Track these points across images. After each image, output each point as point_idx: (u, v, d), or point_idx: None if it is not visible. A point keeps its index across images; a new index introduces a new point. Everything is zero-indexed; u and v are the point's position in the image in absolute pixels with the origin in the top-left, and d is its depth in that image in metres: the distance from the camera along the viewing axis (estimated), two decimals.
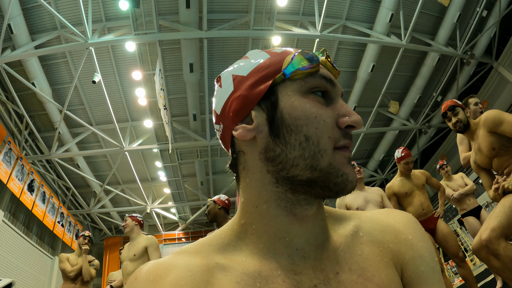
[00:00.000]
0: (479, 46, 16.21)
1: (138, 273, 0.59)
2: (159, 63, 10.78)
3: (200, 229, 21.47)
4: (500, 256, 2.65)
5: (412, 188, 5.06)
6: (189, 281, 0.58)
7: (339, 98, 0.68)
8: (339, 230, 0.71)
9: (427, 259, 0.69)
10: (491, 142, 3.08)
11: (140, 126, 14.60)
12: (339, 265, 0.65)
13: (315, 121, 0.62)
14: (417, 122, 18.24)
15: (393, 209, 0.77)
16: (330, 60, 0.70)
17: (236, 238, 0.68)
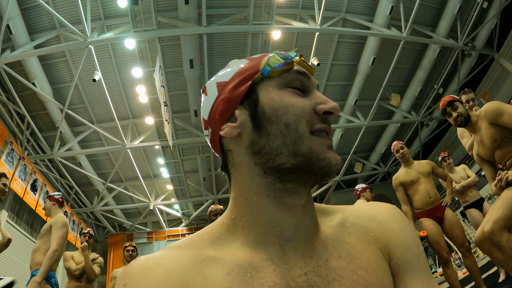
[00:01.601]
0: (480, 37, 16.13)
1: (129, 268, 0.60)
2: (159, 59, 10.76)
3: (204, 225, 21.47)
4: (503, 247, 2.65)
5: (417, 176, 5.07)
6: (180, 273, 0.59)
7: (315, 89, 0.73)
8: (327, 222, 0.73)
9: (413, 247, 0.71)
10: (492, 134, 3.08)
11: (142, 123, 14.62)
12: (329, 253, 0.66)
13: (293, 109, 0.65)
14: (419, 114, 18.18)
15: (378, 202, 0.79)
16: (304, 59, 0.75)
17: (226, 232, 0.69)
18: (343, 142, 18.16)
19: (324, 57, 14.64)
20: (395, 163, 20.28)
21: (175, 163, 16.76)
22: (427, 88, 17.72)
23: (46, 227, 4.65)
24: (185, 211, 21.11)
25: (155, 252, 0.64)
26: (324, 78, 15.52)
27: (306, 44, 13.71)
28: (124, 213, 20.55)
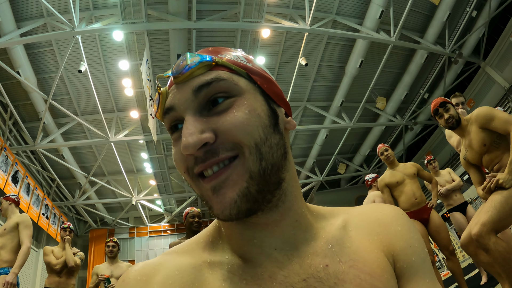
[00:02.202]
0: (468, 45, 16.44)
1: (127, 275, 0.59)
2: (147, 53, 10.68)
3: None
4: (490, 250, 2.68)
5: (403, 177, 5.13)
6: (177, 279, 0.57)
7: (186, 114, 0.59)
8: (327, 225, 0.71)
9: (418, 250, 0.69)
10: (482, 138, 3.11)
11: (126, 117, 14.47)
12: (328, 258, 0.64)
13: (175, 164, 0.62)
14: (404, 118, 18.41)
15: (381, 204, 0.78)
16: (176, 70, 0.62)
17: (218, 235, 0.68)
18: (327, 143, 18.27)
19: (312, 57, 14.66)
20: (379, 165, 20.52)
21: (158, 158, 16.70)
22: (412, 93, 17.95)
23: (11, 224, 4.72)
24: (167, 207, 21.05)
25: (152, 258, 0.63)
26: (311, 78, 15.58)
27: (295, 44, 13.76)
28: (106, 208, 20.39)
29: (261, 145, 0.58)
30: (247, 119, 0.58)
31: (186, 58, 0.61)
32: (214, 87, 0.59)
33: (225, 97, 0.59)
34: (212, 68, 0.60)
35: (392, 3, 13.23)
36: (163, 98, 0.62)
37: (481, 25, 15.68)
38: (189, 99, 0.59)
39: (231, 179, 0.57)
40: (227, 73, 0.61)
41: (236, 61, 0.64)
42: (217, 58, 0.62)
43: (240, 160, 0.57)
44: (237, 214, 0.56)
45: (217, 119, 0.58)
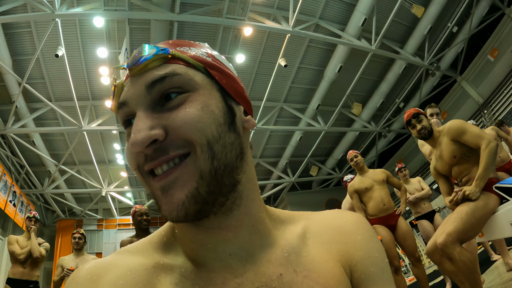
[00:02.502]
0: (446, 59, 16.91)
1: (76, 273, 0.56)
2: (126, 42, 10.57)
3: (155, 216, 21.20)
4: (455, 260, 2.76)
5: (372, 183, 5.20)
6: (129, 280, 0.55)
7: (138, 110, 0.57)
8: (285, 232, 0.69)
9: (377, 260, 0.68)
10: (453, 150, 3.20)
11: (101, 106, 14.25)
12: (283, 267, 0.62)
13: (127, 160, 0.61)
14: (378, 125, 18.76)
15: (343, 210, 0.76)
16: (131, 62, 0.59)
17: (173, 237, 0.66)
18: (301, 145, 18.41)
19: (292, 59, 14.78)
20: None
21: None
22: (388, 101, 18.29)
23: None
24: (137, 200, 20.84)
25: (105, 257, 0.60)
26: (289, 80, 15.70)
27: (276, 44, 13.83)
28: (75, 198, 19.96)
29: (214, 144, 0.56)
30: (199, 115, 0.56)
31: (142, 49, 0.59)
32: (168, 83, 0.57)
33: (179, 93, 0.57)
34: (168, 61, 0.59)
35: (375, 12, 13.45)
36: (118, 91, 0.60)
37: (461, 40, 16.14)
38: (141, 95, 0.57)
39: (181, 179, 0.55)
40: (183, 67, 0.59)
41: (194, 55, 0.62)
42: (174, 51, 0.60)
43: (191, 159, 0.56)
44: (185, 216, 0.55)
45: (169, 115, 0.56)
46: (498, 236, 2.93)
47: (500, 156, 5.64)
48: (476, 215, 2.85)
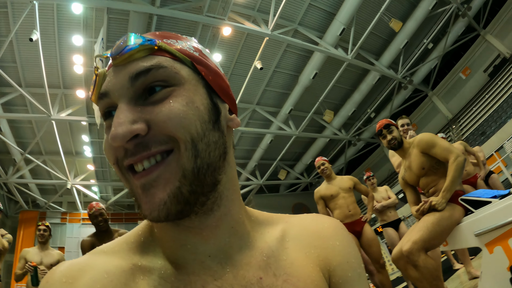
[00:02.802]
0: (419, 74, 17.44)
1: (51, 276, 0.53)
2: (103, 31, 10.43)
3: (121, 211, 20.91)
4: (419, 267, 2.83)
5: (338, 191, 5.25)
6: (106, 283, 0.52)
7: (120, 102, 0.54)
8: (265, 235, 0.68)
9: (354, 265, 0.69)
10: (422, 162, 3.28)
11: (72, 95, 13.93)
12: (263, 270, 0.62)
13: (105, 153, 0.57)
14: (348, 133, 19.11)
15: (321, 215, 0.76)
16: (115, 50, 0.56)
17: (151, 237, 0.63)
18: (271, 148, 18.55)
19: (268, 62, 14.88)
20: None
21: (100, 143, 16.31)
22: (360, 111, 18.66)
23: None
24: (103, 194, 20.49)
25: (79, 258, 0.58)
26: (264, 83, 15.80)
27: (253, 46, 13.91)
28: (40, 189, 19.42)
29: (198, 141, 0.54)
30: (183, 111, 0.53)
31: (127, 38, 0.56)
32: (153, 75, 0.54)
33: (163, 86, 0.54)
34: (154, 52, 0.56)
35: (354, 23, 13.68)
36: (100, 81, 0.57)
37: (435, 57, 16.69)
38: (124, 86, 0.54)
39: (163, 178, 0.53)
40: (169, 60, 0.56)
41: (181, 48, 0.59)
42: (161, 42, 0.57)
43: (175, 156, 0.53)
44: (167, 216, 0.53)
45: (152, 109, 0.53)
46: (461, 245, 3.04)
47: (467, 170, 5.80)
48: (442, 225, 2.94)
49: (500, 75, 17.03)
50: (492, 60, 17.68)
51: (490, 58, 17.74)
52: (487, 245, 2.76)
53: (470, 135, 16.38)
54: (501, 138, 13.38)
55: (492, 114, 15.95)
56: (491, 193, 2.94)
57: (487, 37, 17.56)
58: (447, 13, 15.84)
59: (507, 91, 15.98)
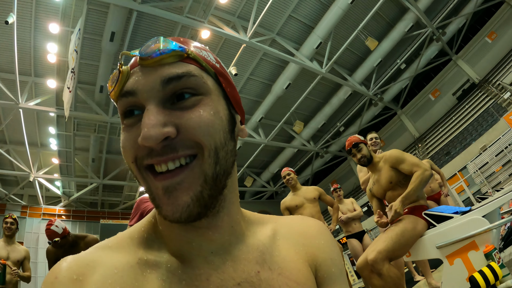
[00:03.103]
0: (390, 92, 18.01)
1: (58, 272, 0.54)
2: (81, 22, 10.27)
3: (83, 209, 20.30)
4: (383, 275, 2.96)
5: (302, 201, 5.33)
6: (117, 279, 0.54)
7: (149, 104, 0.56)
8: (258, 233, 0.73)
9: (337, 262, 0.75)
10: (390, 176, 3.45)
11: (42, 84, 13.54)
12: (259, 265, 0.66)
13: (122, 151, 0.59)
14: (317, 145, 19.43)
15: (307, 217, 0.82)
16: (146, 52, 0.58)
17: (154, 233, 0.66)
18: (239, 155, 18.61)
19: (243, 69, 14.99)
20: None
21: (66, 136, 15.92)
22: (330, 124, 18.99)
23: None
24: (66, 190, 19.89)
25: (83, 252, 0.58)
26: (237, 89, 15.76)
27: (230, 52, 13.96)
28: (0, 179, 18.73)
29: (220, 150, 0.57)
30: (211, 120, 0.57)
31: (159, 41, 0.58)
32: (184, 82, 0.56)
33: (192, 94, 0.57)
34: (183, 59, 0.58)
35: (331, 38, 13.96)
36: (123, 78, 0.58)
37: (407, 77, 17.32)
38: (155, 89, 0.56)
39: (187, 182, 0.55)
40: (197, 69, 0.59)
41: (206, 58, 0.62)
42: (190, 50, 0.59)
43: (198, 162, 0.56)
44: (187, 218, 0.55)
45: (181, 114, 0.56)
46: (423, 257, 3.23)
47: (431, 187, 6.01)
48: (405, 236, 3.09)
49: (468, 99, 17.92)
50: (461, 84, 18.57)
51: (459, 82, 18.63)
52: (447, 257, 2.96)
53: (435, 154, 17.02)
54: (465, 159, 14.02)
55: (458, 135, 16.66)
56: (453, 209, 3.13)
57: (458, 62, 18.43)
58: (422, 36, 16.54)
59: (474, 114, 16.76)
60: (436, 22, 16.55)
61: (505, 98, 15.01)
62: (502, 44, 17.66)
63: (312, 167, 20.58)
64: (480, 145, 13.92)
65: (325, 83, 16.63)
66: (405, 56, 16.88)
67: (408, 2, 14.52)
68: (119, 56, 0.61)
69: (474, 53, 18.30)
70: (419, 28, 16.16)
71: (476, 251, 2.81)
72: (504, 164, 12.68)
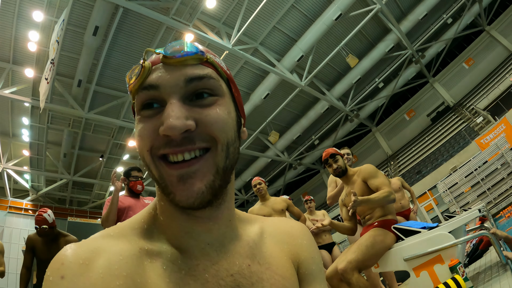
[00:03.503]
0: (366, 109, 18.46)
1: (64, 258, 0.54)
2: (66, 12, 10.19)
3: (51, 205, 19.78)
4: (352, 285, 3.07)
5: (270, 212, 5.35)
6: (122, 264, 0.57)
7: (172, 98, 0.61)
8: (248, 230, 0.78)
9: (317, 260, 0.82)
10: (362, 190, 3.55)
11: (20, 73, 13.29)
12: (250, 259, 0.71)
13: (138, 139, 0.63)
14: (290, 157, 19.66)
15: (291, 219, 0.90)
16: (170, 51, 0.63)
17: (153, 224, 0.69)
18: None
19: None
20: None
21: (40, 128, 15.62)
22: (305, 136, 19.22)
23: None
24: (35, 184, 19.43)
25: (86, 240, 0.60)
26: None
27: None
28: None
29: (230, 145, 0.63)
30: (226, 118, 0.62)
31: (183, 43, 0.63)
32: (204, 83, 0.62)
33: (210, 94, 0.62)
34: (202, 63, 0.64)
35: (313, 52, 14.20)
36: (145, 72, 0.62)
37: (383, 96, 17.78)
38: (178, 85, 0.60)
39: (201, 171, 0.60)
40: (214, 73, 0.64)
41: (221, 65, 0.68)
42: (209, 55, 0.65)
43: (212, 154, 0.61)
44: (200, 204, 0.60)
45: (200, 110, 0.61)
46: (391, 268, 3.38)
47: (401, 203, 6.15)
48: (375, 248, 3.22)
49: (442, 121, 18.57)
50: (436, 106, 19.26)
51: (434, 104, 19.32)
52: (414, 269, 3.09)
53: (406, 172, 17.46)
54: (435, 179, 14.47)
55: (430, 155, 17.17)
56: (421, 225, 3.27)
57: (435, 85, 19.11)
58: (402, 57, 17.05)
59: (446, 136, 17.34)
60: (417, 45, 17.16)
61: (477, 122, 15.61)
62: (478, 70, 18.44)
63: (285, 178, 20.75)
64: (451, 166, 14.44)
65: (304, 96, 16.87)
66: (383, 76, 17.37)
67: (391, 23, 14.96)
68: (143, 53, 0.65)
69: (451, 77, 19.03)
70: (399, 49, 16.66)
71: (441, 264, 2.96)
72: (473, 185, 13.30)
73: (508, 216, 9.40)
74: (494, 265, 3.91)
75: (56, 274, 0.52)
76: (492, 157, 13.17)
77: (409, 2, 15.95)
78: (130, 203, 3.80)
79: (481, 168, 13.27)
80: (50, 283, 0.51)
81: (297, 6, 13.83)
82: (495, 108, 15.69)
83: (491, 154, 13.27)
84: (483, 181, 13.08)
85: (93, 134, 17.11)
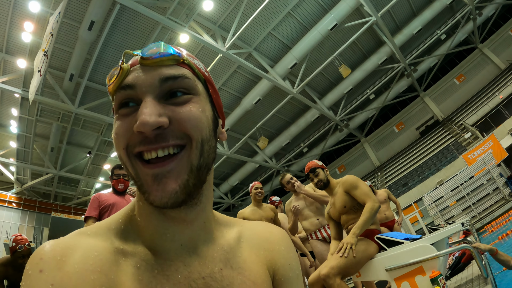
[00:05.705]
0: (356, 120, 18.62)
1: (43, 253, 0.57)
2: (62, 5, 10.15)
3: (35, 199, 19.58)
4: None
5: (261, 218, 5.37)
6: (97, 260, 0.58)
7: (147, 97, 0.62)
8: (225, 233, 0.79)
9: (294, 267, 0.82)
10: (344, 201, 3.63)
11: (12, 63, 13.22)
12: (222, 262, 0.72)
13: (115, 137, 0.64)
14: (278, 163, 19.76)
15: (271, 224, 0.88)
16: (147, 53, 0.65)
17: (130, 225, 0.70)
18: None
19: (216, 78, 15.17)
20: (242, 198, 21.34)
21: (28, 120, 15.48)
22: (294, 143, 19.34)
23: None
24: (20, 176, 19.18)
25: (62, 238, 0.62)
26: None
27: (205, 60, 14.14)
28: None
29: (205, 143, 0.64)
30: (200, 116, 0.63)
31: (160, 45, 0.65)
32: (179, 82, 0.63)
33: (184, 93, 0.64)
34: (179, 63, 0.66)
35: (307, 60, 14.34)
36: (123, 73, 0.64)
37: (374, 108, 18.00)
38: (153, 85, 0.62)
39: (176, 170, 0.60)
40: (190, 74, 0.66)
41: (198, 66, 0.70)
42: (186, 57, 0.67)
43: (186, 152, 0.62)
44: (173, 203, 0.60)
45: (174, 108, 0.62)
46: (373, 278, 3.41)
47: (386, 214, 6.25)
48: (357, 257, 3.26)
49: (431, 134, 18.87)
50: (425, 120, 19.56)
51: (424, 118, 19.62)
52: (395, 279, 3.12)
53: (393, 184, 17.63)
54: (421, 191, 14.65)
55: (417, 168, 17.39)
56: (404, 236, 3.33)
57: (425, 99, 19.42)
58: (394, 70, 17.26)
59: (434, 150, 17.58)
60: (409, 59, 17.43)
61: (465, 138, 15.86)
62: (469, 87, 18.77)
63: (272, 184, 20.81)
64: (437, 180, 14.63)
65: (295, 103, 17.00)
66: (375, 87, 17.58)
67: (385, 36, 15.15)
68: (122, 55, 0.66)
69: (441, 92, 19.35)
70: (392, 62, 16.91)
71: (423, 276, 2.98)
72: (458, 200, 13.50)
73: (492, 230, 9.55)
74: (476, 278, 3.99)
75: (35, 268, 0.55)
76: (479, 173, 13.39)
77: (404, 16, 16.24)
78: (115, 200, 3.86)
79: (467, 183, 13.49)
80: (29, 276, 0.53)
81: (294, 14, 13.97)
82: (484, 124, 15.99)
83: (478, 170, 13.51)
84: (468, 195, 13.29)
85: (82, 130, 17.02)
